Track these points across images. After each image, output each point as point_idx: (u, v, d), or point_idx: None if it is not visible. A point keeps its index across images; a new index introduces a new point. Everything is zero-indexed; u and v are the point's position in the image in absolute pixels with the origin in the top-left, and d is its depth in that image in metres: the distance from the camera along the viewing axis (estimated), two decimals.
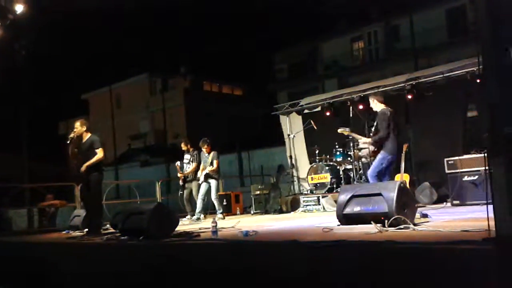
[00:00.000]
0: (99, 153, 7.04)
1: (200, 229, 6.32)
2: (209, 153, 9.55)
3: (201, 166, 9.54)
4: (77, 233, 7.82)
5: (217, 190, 9.64)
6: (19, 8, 8.28)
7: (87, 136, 7.21)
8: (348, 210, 4.81)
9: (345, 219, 4.82)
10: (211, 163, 9.40)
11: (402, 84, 9.58)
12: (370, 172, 6.55)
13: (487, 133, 2.89)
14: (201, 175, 9.41)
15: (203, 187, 9.40)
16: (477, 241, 3.06)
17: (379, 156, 6.52)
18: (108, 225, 8.05)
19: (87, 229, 7.27)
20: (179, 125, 31.97)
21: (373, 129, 7.00)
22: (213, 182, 9.41)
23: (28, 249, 7.15)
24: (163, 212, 5.67)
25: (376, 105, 6.79)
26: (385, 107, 6.70)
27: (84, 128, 7.20)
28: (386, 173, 6.50)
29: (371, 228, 4.30)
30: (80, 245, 6.34)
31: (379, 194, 4.63)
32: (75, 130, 7.17)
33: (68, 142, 7.21)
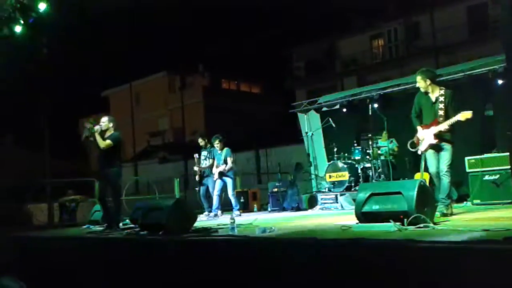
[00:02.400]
0: (106, 141, 7.07)
1: (218, 225, 6.36)
2: (221, 150, 9.56)
3: (215, 163, 9.57)
4: (97, 228, 7.94)
5: (234, 186, 9.64)
6: (42, 6, 8.42)
7: (110, 132, 7.29)
8: (367, 208, 4.77)
9: (364, 217, 4.78)
10: (225, 161, 9.41)
11: None
12: (446, 168, 5.78)
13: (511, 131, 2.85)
14: (215, 172, 9.44)
15: (218, 184, 9.43)
16: (498, 241, 3.02)
17: (449, 147, 5.82)
18: (127, 220, 8.16)
19: (106, 224, 7.37)
20: (197, 123, 32.12)
21: (441, 112, 5.81)
22: (228, 180, 9.40)
23: (48, 243, 7.29)
24: (182, 208, 5.74)
25: (430, 86, 5.99)
26: (444, 88, 6.00)
27: (111, 125, 7.29)
28: None
29: (390, 227, 4.27)
30: (99, 239, 6.43)
31: (399, 193, 4.59)
32: (101, 124, 7.26)
33: (88, 131, 7.18)
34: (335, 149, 10.52)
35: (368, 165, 10.01)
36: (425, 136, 6.00)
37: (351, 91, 12.08)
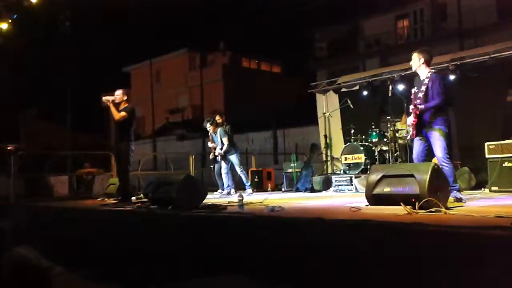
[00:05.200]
0: (121, 113, 7.14)
1: (228, 202, 6.35)
2: (214, 132, 9.54)
3: (214, 145, 9.59)
4: (110, 201, 8.05)
5: (240, 163, 9.61)
6: None
7: (125, 105, 7.32)
8: (378, 190, 4.67)
9: (375, 199, 4.69)
10: (222, 142, 9.39)
11: (446, 64, 9.20)
12: (442, 156, 5.42)
13: None
14: (217, 154, 9.47)
15: (223, 164, 9.48)
16: (510, 227, 2.91)
17: (437, 134, 5.45)
18: (141, 195, 8.24)
19: (120, 197, 7.47)
20: (216, 101, 32.13)
21: (420, 95, 5.53)
22: (231, 158, 9.43)
23: (62, 214, 7.41)
24: (191, 184, 5.74)
25: (421, 66, 5.70)
26: (433, 71, 5.72)
27: (125, 98, 7.31)
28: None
29: (401, 210, 4.18)
30: (110, 212, 6.50)
31: (411, 176, 4.47)
32: (116, 96, 7.28)
33: (107, 102, 7.23)
34: (352, 131, 10.37)
35: (385, 148, 9.84)
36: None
37: (371, 71, 11.83)
